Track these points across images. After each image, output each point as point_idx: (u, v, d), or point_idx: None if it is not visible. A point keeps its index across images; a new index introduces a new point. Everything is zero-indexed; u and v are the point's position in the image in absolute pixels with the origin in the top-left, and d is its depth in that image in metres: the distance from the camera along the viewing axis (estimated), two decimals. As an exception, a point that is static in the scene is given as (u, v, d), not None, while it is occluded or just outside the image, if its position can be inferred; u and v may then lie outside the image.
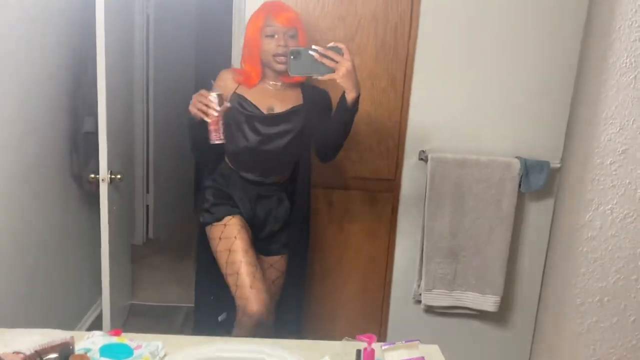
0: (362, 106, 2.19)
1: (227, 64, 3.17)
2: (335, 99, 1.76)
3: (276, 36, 1.76)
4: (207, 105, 1.63)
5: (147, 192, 4.12)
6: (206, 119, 1.63)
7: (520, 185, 2.27)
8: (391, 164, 2.31)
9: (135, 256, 3.55)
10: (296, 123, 1.85)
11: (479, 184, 2.27)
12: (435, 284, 2.35)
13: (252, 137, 1.84)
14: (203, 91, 1.66)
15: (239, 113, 1.82)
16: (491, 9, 2.19)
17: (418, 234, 2.37)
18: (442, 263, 2.33)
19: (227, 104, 1.68)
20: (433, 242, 2.31)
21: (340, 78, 1.58)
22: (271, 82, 1.86)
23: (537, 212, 2.38)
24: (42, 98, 2.31)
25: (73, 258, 2.69)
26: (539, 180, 2.27)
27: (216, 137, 1.65)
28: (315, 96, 1.90)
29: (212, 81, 1.85)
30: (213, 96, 1.63)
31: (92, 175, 2.40)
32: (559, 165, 2.29)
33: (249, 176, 1.91)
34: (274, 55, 1.77)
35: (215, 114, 1.63)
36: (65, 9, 2.44)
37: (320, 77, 1.60)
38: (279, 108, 1.85)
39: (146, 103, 3.96)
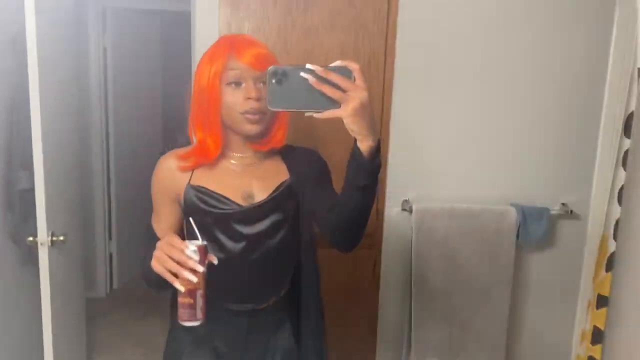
0: (334, 150, 1.93)
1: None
2: (336, 160, 1.34)
3: (244, 84, 1.19)
4: (181, 263, 1.02)
5: (110, 239, 3.80)
6: (178, 286, 1.02)
7: (518, 236, 2.00)
8: (371, 216, 2.01)
9: (95, 312, 3.22)
10: (288, 207, 1.30)
11: (471, 236, 1.99)
12: (427, 352, 2.05)
13: (232, 246, 1.27)
14: (176, 239, 1.05)
15: (203, 214, 1.25)
16: (475, 40, 1.94)
17: (405, 295, 2.08)
18: (435, 328, 2.03)
19: (214, 260, 1.08)
20: (423, 303, 2.02)
21: (349, 116, 0.94)
22: (237, 155, 1.29)
23: (539, 265, 2.10)
24: None
25: (16, 323, 2.38)
26: (538, 229, 2.00)
27: (190, 317, 1.04)
28: (303, 162, 1.34)
29: (189, 220, 1.18)
30: (191, 249, 1.02)
31: (31, 238, 2.09)
32: (560, 212, 2.03)
33: (237, 307, 1.33)
34: (243, 113, 1.20)
35: (195, 279, 1.01)
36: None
37: (317, 115, 0.96)
38: (259, 192, 1.28)
39: (105, 144, 3.66)
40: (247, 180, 1.28)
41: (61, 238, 2.10)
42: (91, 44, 3.47)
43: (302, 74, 0.94)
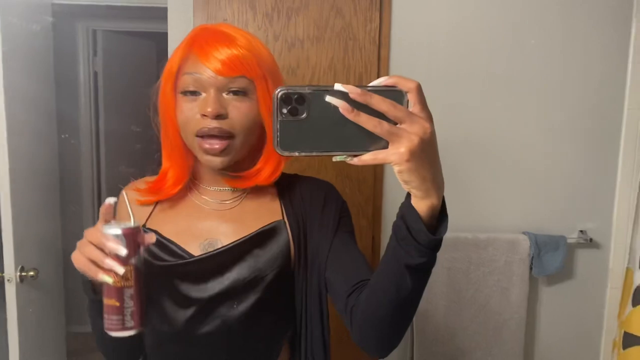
0: (325, 176, 1.74)
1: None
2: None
3: (203, 95, 0.89)
4: (102, 254, 0.77)
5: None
6: (106, 278, 0.77)
7: (531, 268, 1.78)
8: (366, 248, 1.81)
9: (83, 347, 3.03)
10: (269, 262, 0.95)
11: (478, 270, 1.78)
12: (431, 401, 1.82)
13: (176, 314, 0.94)
14: (100, 224, 0.80)
15: (150, 266, 0.92)
16: (477, 52, 1.76)
17: (406, 337, 1.86)
18: (438, 373, 1.81)
19: (148, 239, 0.82)
20: (426, 347, 1.80)
21: (402, 161, 0.61)
22: (211, 189, 0.99)
23: (557, 300, 1.87)
24: None
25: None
26: (555, 261, 1.78)
27: (117, 325, 0.80)
28: (310, 198, 1.00)
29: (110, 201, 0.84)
30: (111, 233, 0.78)
31: None
32: (579, 240, 1.81)
33: None
34: (199, 136, 0.90)
35: (121, 270, 0.77)
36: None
37: (353, 161, 0.64)
38: (226, 239, 0.95)
39: (97, 174, 3.51)
40: (215, 223, 0.96)
41: (31, 273, 1.95)
42: (80, 67, 3.36)
43: (329, 98, 0.62)
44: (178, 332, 0.94)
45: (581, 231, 1.83)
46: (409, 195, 0.67)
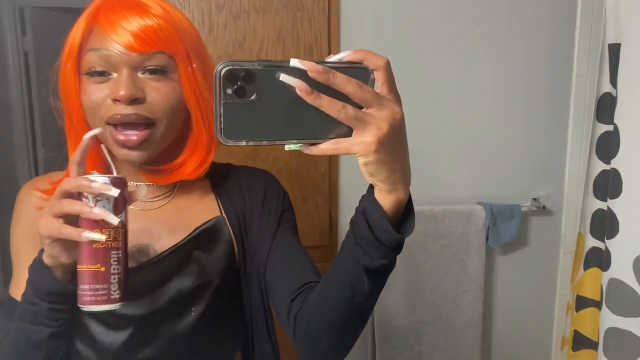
0: (278, 155, 1.67)
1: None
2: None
3: (114, 75, 0.74)
4: (87, 204, 0.64)
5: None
6: (97, 236, 0.64)
7: (487, 239, 1.79)
8: (324, 226, 1.76)
9: None
10: (214, 265, 0.83)
11: (435, 242, 1.77)
12: (394, 375, 1.82)
13: (109, 339, 0.79)
14: (75, 173, 0.67)
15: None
16: (432, 25, 1.72)
17: (366, 312, 1.84)
18: (401, 347, 1.80)
19: (141, 194, 0.70)
20: (386, 321, 1.79)
21: (368, 151, 0.52)
22: (131, 184, 0.83)
23: (513, 268, 1.89)
24: None
25: None
26: (510, 230, 1.80)
27: (101, 297, 0.66)
28: (248, 191, 0.89)
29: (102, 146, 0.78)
30: (102, 180, 0.65)
31: None
32: (532, 208, 1.83)
33: None
34: (110, 124, 0.75)
35: (115, 220, 0.65)
36: None
37: (308, 150, 0.54)
38: (162, 243, 0.82)
39: (33, 162, 3.29)
40: (143, 225, 0.81)
41: None
42: (9, 48, 3.12)
43: (284, 77, 0.51)
44: (116, 358, 0.79)
45: (534, 199, 1.85)
46: (371, 187, 0.58)
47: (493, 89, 1.78)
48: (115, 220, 0.64)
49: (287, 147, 0.54)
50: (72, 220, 0.64)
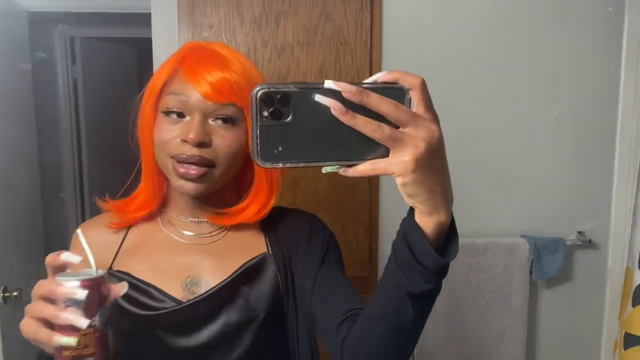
0: (319, 184, 1.69)
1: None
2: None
3: (187, 118, 0.81)
4: (56, 307, 0.62)
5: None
6: (65, 340, 0.62)
7: (531, 272, 1.75)
8: (363, 256, 1.77)
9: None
10: (260, 300, 0.85)
11: (478, 275, 1.74)
12: (434, 410, 1.79)
13: None
14: (50, 276, 0.66)
15: (119, 317, 0.82)
16: (470, 50, 1.73)
17: (406, 345, 1.82)
18: (440, 382, 1.78)
19: (119, 292, 0.67)
20: (427, 354, 1.77)
21: (406, 171, 0.52)
22: (188, 220, 0.89)
23: (557, 303, 1.85)
24: None
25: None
26: (554, 264, 1.76)
27: None
28: (294, 232, 0.92)
29: (78, 233, 0.72)
30: (69, 285, 0.62)
31: (-22, 295, 1.87)
32: (577, 242, 1.79)
33: None
34: (174, 158, 0.81)
35: (84, 323, 0.62)
36: None
37: (345, 172, 0.54)
38: (212, 277, 0.85)
39: (79, 186, 3.41)
40: (195, 258, 0.86)
41: (15, 294, 1.88)
42: (59, 75, 3.26)
43: (319, 97, 0.51)
44: None
45: (579, 232, 1.81)
46: (411, 210, 0.57)
47: (538, 120, 1.76)
48: (83, 324, 0.61)
49: (324, 169, 0.54)
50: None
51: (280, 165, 0.52)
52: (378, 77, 0.53)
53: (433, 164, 0.52)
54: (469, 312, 1.76)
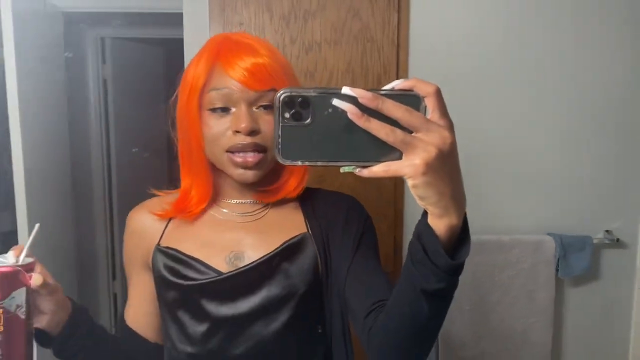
0: (344, 181, 1.71)
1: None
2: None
3: (233, 110, 0.85)
4: None
5: (114, 278, 3.60)
6: None
7: (557, 270, 1.75)
8: (388, 251, 1.78)
9: None
10: (299, 276, 0.89)
11: (503, 272, 1.74)
12: (458, 407, 1.79)
13: (202, 335, 0.89)
14: None
15: (170, 286, 0.90)
16: (498, 48, 1.73)
17: (430, 341, 1.82)
18: (465, 378, 1.78)
19: (32, 280, 0.73)
20: (452, 351, 1.77)
21: (419, 175, 0.54)
22: (230, 202, 0.94)
23: (584, 302, 1.84)
24: None
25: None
26: (581, 262, 1.75)
27: None
28: (332, 213, 0.94)
29: (35, 226, 0.79)
30: None
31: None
32: (604, 240, 1.78)
33: None
34: (229, 151, 0.86)
35: None
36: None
37: (360, 172, 0.57)
38: (253, 252, 0.90)
39: (108, 183, 3.49)
40: (239, 235, 0.91)
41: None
42: (90, 75, 3.34)
43: (336, 101, 0.55)
44: (205, 355, 0.89)
45: (607, 231, 1.79)
46: (425, 213, 0.60)
47: (565, 117, 1.76)
48: None
49: (342, 169, 0.57)
50: None
51: (299, 163, 0.56)
52: (395, 84, 0.56)
53: (444, 168, 0.55)
54: (494, 309, 1.75)
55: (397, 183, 1.74)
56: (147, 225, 0.94)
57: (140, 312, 0.96)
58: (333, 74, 1.68)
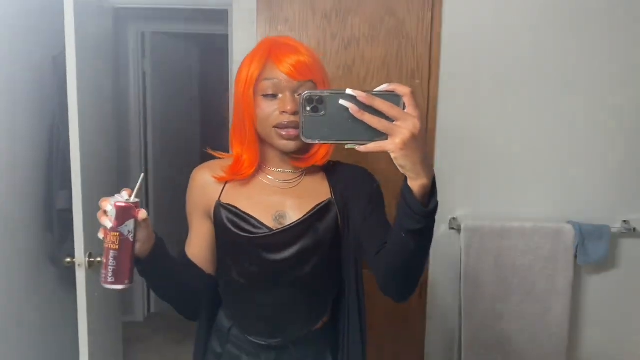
0: (376, 165, 1.84)
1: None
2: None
3: (280, 96, 1.09)
4: (101, 213, 0.96)
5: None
6: (99, 234, 0.97)
7: (576, 257, 1.85)
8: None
9: (132, 336, 3.17)
10: (324, 232, 1.16)
11: (525, 257, 1.86)
12: (478, 382, 1.91)
13: (255, 274, 1.18)
14: (103, 198, 0.98)
15: (229, 235, 1.16)
16: (524, 46, 1.84)
17: (454, 320, 1.95)
18: (486, 356, 1.89)
19: (140, 214, 0.97)
20: (473, 329, 1.89)
21: (397, 149, 0.79)
22: (274, 170, 1.19)
23: (602, 288, 1.94)
24: (12, 170, 2.04)
25: (55, 345, 2.37)
26: (599, 250, 1.85)
27: (105, 279, 0.97)
28: (350, 181, 1.20)
29: (140, 176, 1.05)
30: (109, 205, 0.96)
31: (68, 260, 2.06)
32: (622, 230, 1.88)
33: (262, 340, 1.22)
34: (276, 127, 1.10)
35: (108, 224, 0.95)
36: (38, 68, 2.18)
37: (360, 148, 0.82)
38: (293, 213, 1.16)
39: (144, 167, 3.68)
40: (281, 198, 1.17)
41: (98, 259, 2.07)
42: (131, 67, 3.52)
43: (342, 101, 0.81)
44: (255, 288, 1.18)
45: (624, 221, 1.89)
46: (405, 178, 0.85)
47: (590, 110, 1.86)
48: (107, 226, 0.94)
49: (346, 146, 0.83)
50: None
51: (317, 141, 0.85)
52: (382, 88, 0.81)
53: (415, 145, 0.79)
54: (514, 292, 1.87)
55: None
56: (208, 183, 1.19)
57: (197, 249, 1.21)
58: (370, 68, 1.81)
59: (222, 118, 3.25)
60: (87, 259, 2.00)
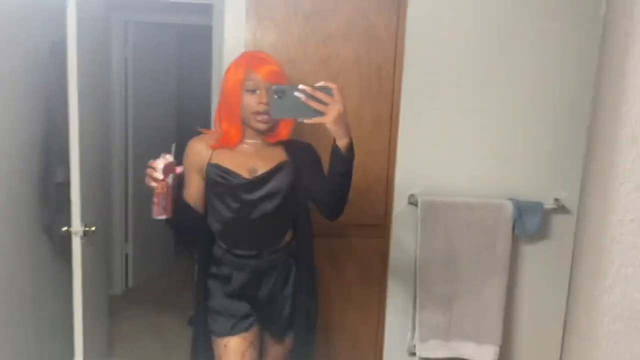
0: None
1: (208, 106, 3.11)
2: (323, 148, 1.60)
3: (258, 92, 1.57)
4: (151, 176, 1.46)
5: (126, 240, 3.96)
6: (151, 183, 1.46)
7: (514, 229, 2.18)
8: (380, 209, 2.20)
9: (113, 308, 3.37)
10: (283, 181, 1.65)
11: (471, 228, 2.17)
12: (430, 334, 2.22)
13: (237, 208, 1.65)
14: (152, 160, 1.49)
15: (218, 185, 1.64)
16: (476, 46, 2.15)
17: (411, 281, 2.25)
18: (436, 311, 2.20)
19: (178, 170, 1.50)
20: (426, 289, 2.20)
21: (330, 123, 1.36)
22: (250, 141, 1.67)
23: (534, 256, 2.28)
24: (10, 146, 2.18)
25: (45, 314, 2.51)
26: (533, 223, 2.18)
27: (157, 212, 1.48)
28: (299, 150, 1.71)
29: (172, 145, 1.56)
30: (158, 163, 1.45)
31: (65, 229, 2.24)
32: (553, 206, 2.21)
33: (241, 252, 1.70)
34: (254, 113, 1.58)
35: (154, 184, 1.45)
36: (35, 51, 2.34)
37: (306, 121, 1.37)
38: (261, 168, 1.65)
39: (125, 148, 3.85)
40: (254, 159, 1.66)
41: (92, 229, 2.22)
42: (114, 54, 3.68)
43: (296, 93, 1.36)
44: (238, 217, 1.66)
45: (556, 199, 2.23)
46: (334, 140, 1.43)
47: (526, 103, 2.17)
48: (159, 177, 1.45)
49: (298, 120, 1.41)
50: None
51: (280, 117, 1.49)
52: (321, 84, 1.37)
53: (340, 121, 1.38)
54: (462, 257, 2.18)
55: (390, 158, 2.16)
56: (201, 149, 1.67)
57: (191, 194, 1.69)
58: (344, 62, 2.08)
59: (197, 100, 3.47)
60: (83, 228, 2.16)
